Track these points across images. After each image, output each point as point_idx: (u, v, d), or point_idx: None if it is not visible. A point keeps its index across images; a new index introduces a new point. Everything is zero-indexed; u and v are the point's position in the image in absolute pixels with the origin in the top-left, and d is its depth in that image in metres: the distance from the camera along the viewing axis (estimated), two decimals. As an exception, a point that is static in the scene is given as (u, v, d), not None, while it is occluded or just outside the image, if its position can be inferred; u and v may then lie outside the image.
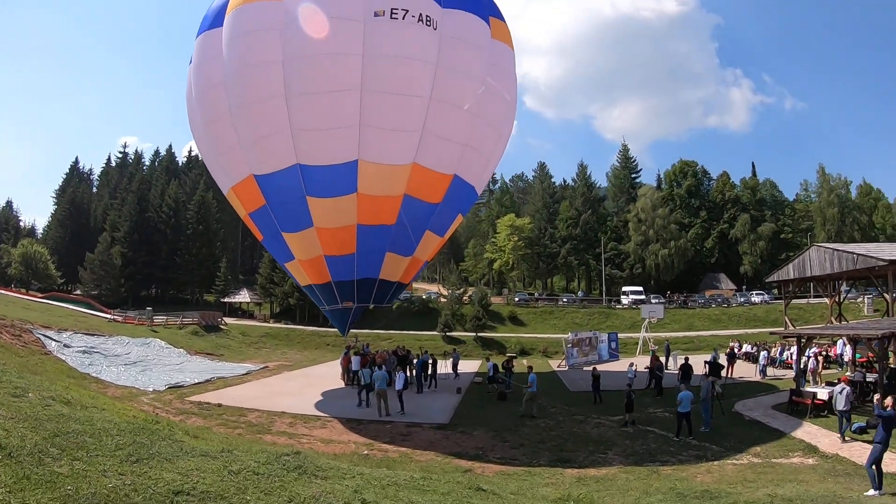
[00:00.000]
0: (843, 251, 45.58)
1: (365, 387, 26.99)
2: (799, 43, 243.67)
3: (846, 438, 20.82)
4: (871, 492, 14.36)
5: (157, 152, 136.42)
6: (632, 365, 34.36)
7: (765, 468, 18.18)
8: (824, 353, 39.44)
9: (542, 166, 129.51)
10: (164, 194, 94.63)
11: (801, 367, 30.98)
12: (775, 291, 75.31)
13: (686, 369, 29.92)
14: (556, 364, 48.24)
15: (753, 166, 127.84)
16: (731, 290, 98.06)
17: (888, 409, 15.21)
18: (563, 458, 19.15)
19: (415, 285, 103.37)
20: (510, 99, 30.50)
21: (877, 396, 17.85)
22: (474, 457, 19.06)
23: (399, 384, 26.64)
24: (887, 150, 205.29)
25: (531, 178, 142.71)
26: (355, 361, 30.55)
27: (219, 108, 26.21)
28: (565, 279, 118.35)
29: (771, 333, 37.91)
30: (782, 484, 15.60)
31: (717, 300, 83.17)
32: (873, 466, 14.57)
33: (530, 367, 30.17)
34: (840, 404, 21.36)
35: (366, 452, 19.29)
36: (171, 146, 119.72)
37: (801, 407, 25.68)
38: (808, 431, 22.51)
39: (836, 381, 29.04)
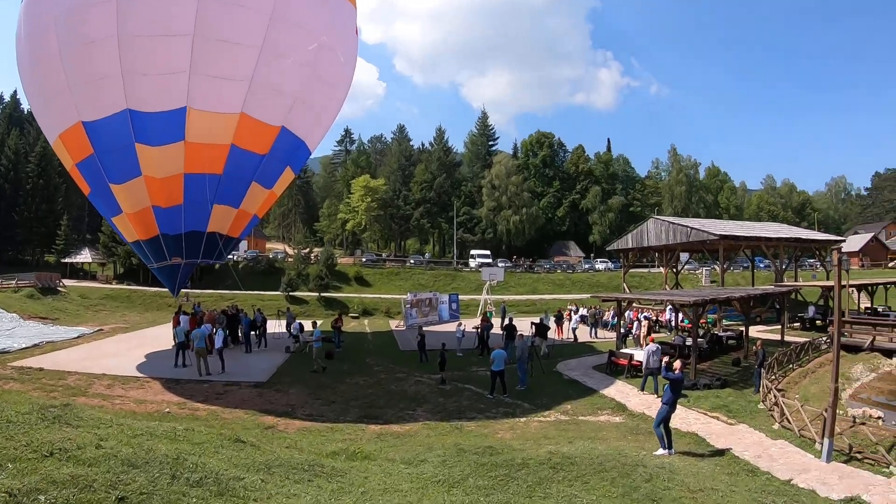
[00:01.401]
0: (678, 224, 48.23)
1: (180, 346, 26.51)
2: (671, 32, 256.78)
3: (649, 393, 22.39)
4: (661, 451, 14.85)
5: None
6: (461, 325, 34.79)
7: (568, 425, 18.68)
8: (655, 318, 41.52)
9: (401, 129, 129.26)
10: (4, 144, 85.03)
11: (625, 330, 32.30)
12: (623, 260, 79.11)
13: (510, 329, 30.30)
14: (394, 324, 48.35)
15: (609, 142, 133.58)
16: (580, 257, 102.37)
17: (676, 371, 15.76)
18: (370, 414, 19.40)
19: (268, 245, 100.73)
20: (347, 56, 30.16)
21: (665, 358, 18.87)
22: (283, 413, 19.13)
23: (218, 343, 26.69)
24: (737, 139, 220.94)
25: (390, 141, 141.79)
26: (183, 321, 29.07)
27: (49, 48, 24.26)
28: (419, 242, 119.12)
29: (591, 297, 39.22)
30: (576, 441, 15.90)
31: (562, 266, 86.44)
32: (661, 427, 15.09)
33: (314, 322, 30.94)
34: (648, 363, 22.72)
35: (167, 410, 18.96)
36: (15, 92, 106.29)
37: (618, 367, 26.62)
38: (622, 391, 23.44)
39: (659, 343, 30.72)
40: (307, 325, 32.31)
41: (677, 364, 16.20)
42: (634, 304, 45.51)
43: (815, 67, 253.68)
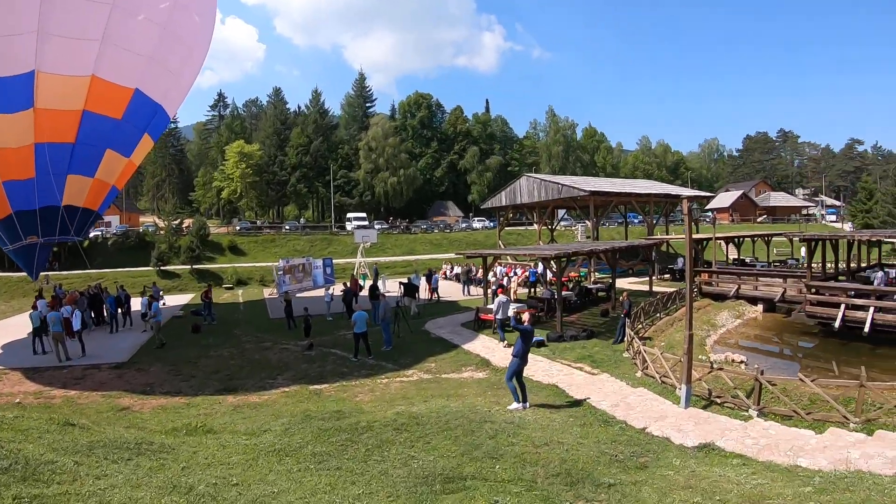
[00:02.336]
0: (550, 181, 48.41)
1: (36, 332, 25.21)
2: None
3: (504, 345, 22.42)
4: (514, 405, 14.42)
5: None
6: (329, 289, 33.88)
7: (430, 384, 18.25)
8: (528, 273, 41.55)
9: (276, 91, 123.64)
10: None
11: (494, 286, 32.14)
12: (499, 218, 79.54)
13: (373, 290, 29.61)
14: (268, 292, 46.86)
15: (487, 103, 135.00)
16: (458, 217, 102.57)
17: (525, 322, 15.31)
18: (230, 387, 19.01)
19: (141, 219, 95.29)
20: (203, 15, 28.59)
21: (515, 308, 18.81)
22: (141, 393, 18.58)
23: (76, 325, 25.02)
24: (615, 102, 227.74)
25: (266, 105, 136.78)
26: (40, 305, 26.68)
27: None
28: (297, 208, 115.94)
29: (456, 254, 38.81)
30: (433, 399, 15.65)
31: (439, 226, 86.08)
32: (513, 380, 14.64)
33: (151, 297, 29.77)
34: (499, 314, 23.19)
35: (17, 401, 17.91)
36: None
37: (485, 323, 26.34)
38: (487, 346, 23.17)
39: (528, 298, 30.52)
40: (185, 299, 30.50)
41: (525, 316, 15.84)
42: (510, 261, 45.58)
43: (691, 34, 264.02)
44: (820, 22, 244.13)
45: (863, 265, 37.62)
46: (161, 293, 37.29)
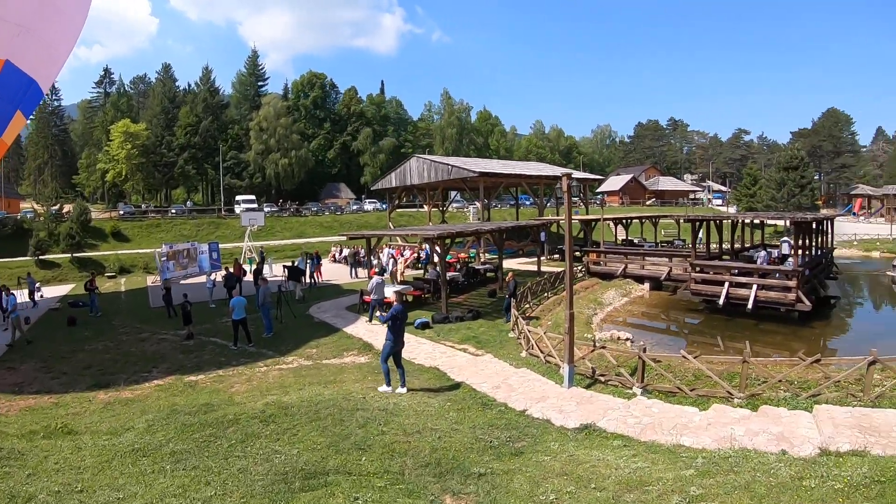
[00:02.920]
0: (440, 162, 47.84)
1: None
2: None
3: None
4: (384, 388, 13.96)
5: None
6: (211, 275, 32.27)
7: (309, 370, 17.36)
8: (417, 254, 40.90)
9: (166, 68, 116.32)
10: None
11: (380, 268, 31.41)
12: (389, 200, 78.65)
13: (257, 275, 28.23)
14: (151, 280, 43.85)
15: (382, 84, 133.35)
16: (351, 199, 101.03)
17: (395, 304, 14.76)
18: (102, 382, 17.60)
19: (22, 205, 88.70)
20: None
21: (396, 290, 19.00)
22: (10, 393, 17.07)
23: None
24: (510, 87, 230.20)
25: (154, 82, 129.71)
26: None
27: None
28: (186, 191, 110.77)
29: (339, 235, 37.84)
30: (309, 387, 14.90)
31: (330, 208, 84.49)
32: (386, 362, 14.16)
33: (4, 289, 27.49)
34: (374, 295, 22.96)
35: None
36: None
37: (369, 306, 25.08)
38: (371, 330, 22.29)
39: (415, 279, 29.78)
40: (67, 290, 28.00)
41: (395, 297, 15.50)
42: (400, 242, 44.76)
43: (589, 26, 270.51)
44: (711, 26, 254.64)
45: (746, 245, 38.67)
46: (38, 285, 34.39)
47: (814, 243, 31.46)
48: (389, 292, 24.19)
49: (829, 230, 36.37)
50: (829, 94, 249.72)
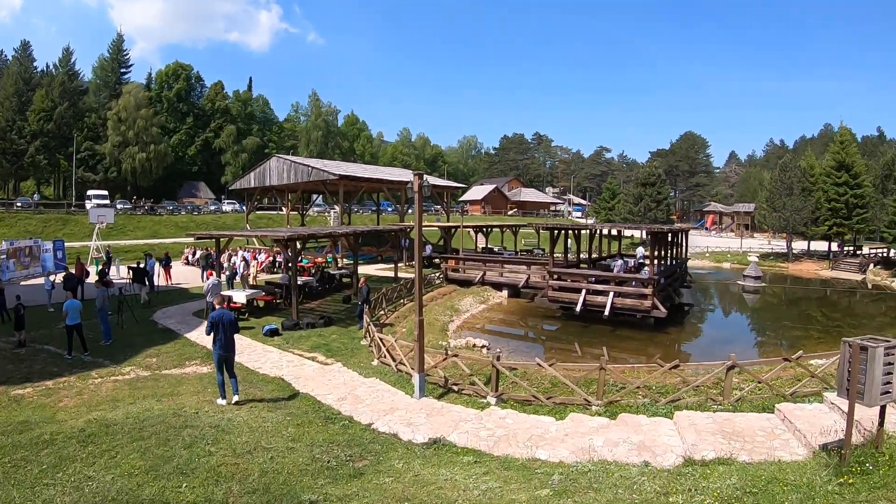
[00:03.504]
0: (300, 163, 46.22)
1: None
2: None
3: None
4: (221, 400, 12.83)
5: None
6: (50, 276, 29.31)
7: (146, 382, 15.63)
8: (273, 258, 39.27)
9: (24, 46, 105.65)
10: None
11: (230, 271, 29.84)
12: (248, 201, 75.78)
13: (102, 276, 25.90)
14: (-12, 280, 39.73)
15: (250, 81, 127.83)
16: (210, 199, 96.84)
17: (216, 307, 13.69)
18: None
19: None
20: None
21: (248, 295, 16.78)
22: None
23: None
24: (379, 94, 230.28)
25: (10, 60, 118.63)
26: None
27: None
28: (36, 183, 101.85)
29: (187, 235, 35.70)
30: (142, 401, 13.57)
31: (186, 207, 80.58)
32: (221, 373, 12.98)
33: None
34: (209, 297, 21.46)
35: None
36: None
37: (217, 311, 23.56)
38: None
39: (266, 284, 28.28)
40: None
41: (216, 300, 14.51)
42: (256, 245, 42.85)
43: (464, 37, 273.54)
44: (579, 46, 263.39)
45: (604, 255, 39.43)
46: None
47: (669, 253, 32.46)
48: (240, 296, 22.74)
49: (684, 241, 37.77)
50: (688, 118, 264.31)
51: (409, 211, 56.54)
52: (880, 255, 56.83)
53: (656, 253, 28.18)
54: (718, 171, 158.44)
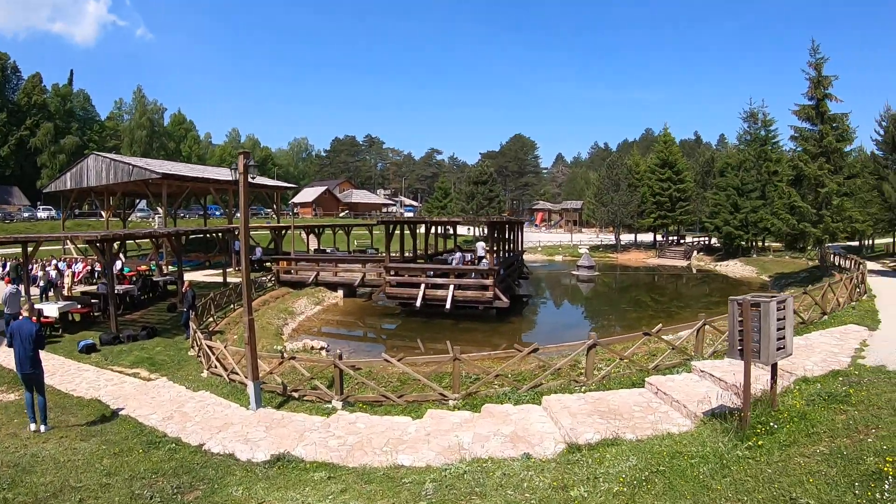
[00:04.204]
0: (120, 161, 42.41)
1: None
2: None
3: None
4: (32, 426, 10.90)
5: None
6: None
7: None
8: (91, 266, 35.89)
9: None
10: None
11: (44, 283, 26.73)
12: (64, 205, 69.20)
13: None
14: None
15: (71, 74, 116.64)
16: (24, 205, 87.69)
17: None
18: None
19: None
20: None
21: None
22: None
23: None
24: (209, 94, 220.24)
25: None
26: None
27: None
28: None
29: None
30: None
31: (-4, 215, 72.44)
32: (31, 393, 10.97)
33: None
34: (7, 309, 19.09)
35: None
36: None
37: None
38: None
39: (82, 294, 25.52)
40: None
41: (24, 310, 12.06)
42: (74, 254, 39.15)
43: (294, 39, 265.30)
44: (408, 54, 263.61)
45: (440, 251, 39.05)
46: None
47: (507, 245, 32.50)
48: (52, 310, 20.15)
49: (520, 234, 38.06)
50: (517, 122, 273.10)
51: (238, 214, 53.83)
52: (702, 243, 62.98)
53: (495, 244, 27.99)
54: (546, 172, 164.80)
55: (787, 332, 7.63)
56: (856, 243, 43.60)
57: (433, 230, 37.02)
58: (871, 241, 46.91)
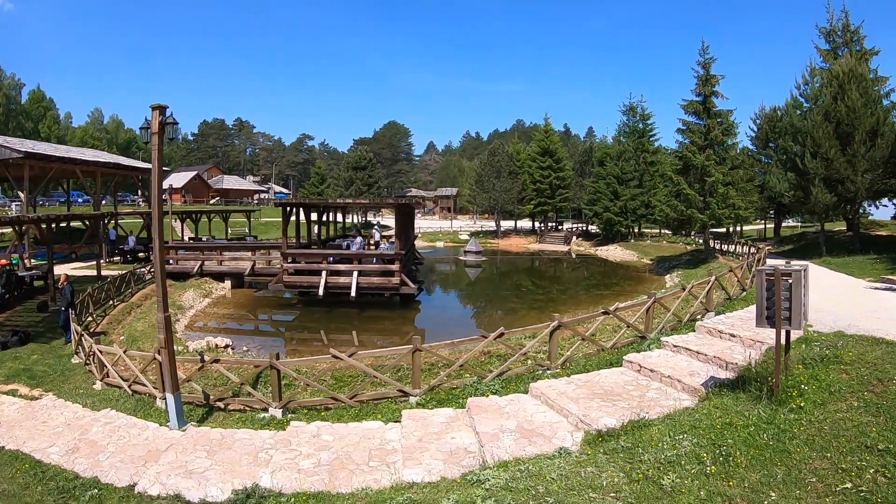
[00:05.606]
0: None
1: None
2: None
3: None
4: None
5: None
6: None
7: None
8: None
9: None
10: None
11: None
12: None
13: None
14: None
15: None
16: None
17: None
18: None
19: None
20: None
21: None
22: None
23: None
24: (72, 66, 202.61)
25: None
26: None
27: None
28: None
29: None
30: None
31: None
32: None
33: None
34: None
35: None
36: None
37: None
38: None
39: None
40: None
41: None
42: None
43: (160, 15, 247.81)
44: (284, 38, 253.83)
45: (332, 236, 37.15)
46: None
47: (410, 229, 31.24)
48: None
49: (412, 220, 36.59)
50: (389, 110, 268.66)
51: (105, 201, 49.53)
52: (580, 228, 66.13)
53: (400, 228, 26.33)
54: (418, 159, 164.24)
55: (807, 300, 7.58)
56: (723, 230, 45.65)
57: (326, 217, 35.10)
58: (739, 228, 49.30)
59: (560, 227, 69.12)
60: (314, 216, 30.21)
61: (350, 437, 8.65)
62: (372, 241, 31.94)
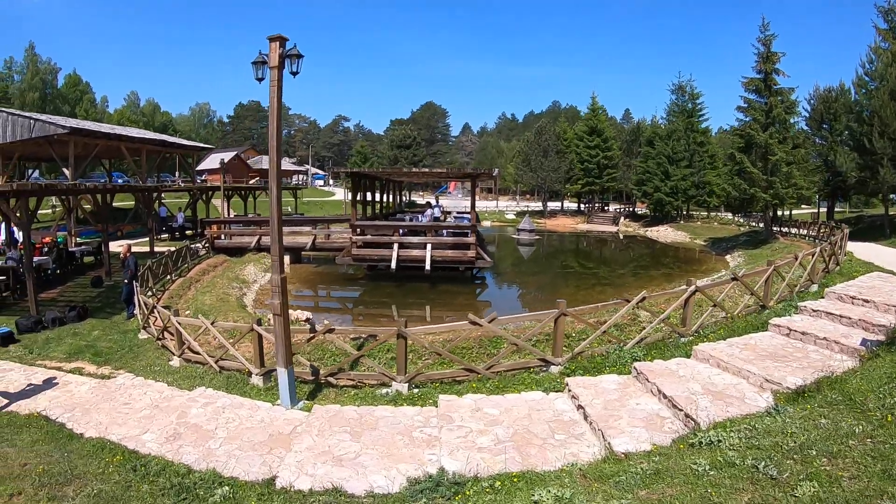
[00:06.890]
0: (19, 115, 36.52)
1: None
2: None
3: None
4: None
5: None
6: None
7: None
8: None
9: None
10: None
11: None
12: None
13: None
14: None
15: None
16: None
17: None
18: None
19: None
20: None
21: None
22: None
23: None
24: (108, 50, 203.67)
25: None
26: None
27: None
28: None
29: None
30: None
31: None
32: None
33: None
34: None
35: None
36: None
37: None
38: None
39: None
40: None
41: None
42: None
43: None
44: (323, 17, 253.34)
45: (393, 211, 36.08)
46: None
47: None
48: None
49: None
50: (424, 92, 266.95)
51: (150, 181, 48.47)
52: (627, 209, 65.87)
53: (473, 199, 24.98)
54: (454, 141, 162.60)
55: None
56: (779, 212, 44.17)
57: (386, 192, 33.86)
58: (788, 211, 47.67)
59: (606, 208, 68.47)
60: (376, 195, 29.12)
61: (516, 409, 7.35)
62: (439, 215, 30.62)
